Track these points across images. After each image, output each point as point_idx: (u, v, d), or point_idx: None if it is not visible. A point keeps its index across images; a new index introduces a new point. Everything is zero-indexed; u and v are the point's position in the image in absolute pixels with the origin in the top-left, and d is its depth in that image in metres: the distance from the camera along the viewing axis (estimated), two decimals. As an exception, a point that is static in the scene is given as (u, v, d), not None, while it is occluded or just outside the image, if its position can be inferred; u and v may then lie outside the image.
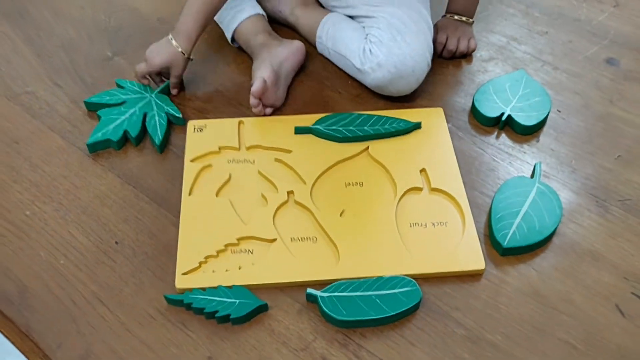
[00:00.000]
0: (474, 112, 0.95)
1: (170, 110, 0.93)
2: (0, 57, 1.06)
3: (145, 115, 0.93)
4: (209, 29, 1.10)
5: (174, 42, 0.92)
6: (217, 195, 0.84)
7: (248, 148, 0.90)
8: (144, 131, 0.92)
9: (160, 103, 0.94)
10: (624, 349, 0.71)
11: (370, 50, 0.92)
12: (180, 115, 0.93)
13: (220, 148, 0.90)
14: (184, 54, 0.93)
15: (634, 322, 0.73)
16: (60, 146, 0.92)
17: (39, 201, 0.85)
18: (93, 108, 0.95)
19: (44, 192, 0.86)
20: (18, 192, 0.86)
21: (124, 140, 0.91)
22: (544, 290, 0.76)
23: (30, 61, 1.05)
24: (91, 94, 0.99)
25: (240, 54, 1.06)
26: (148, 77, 0.96)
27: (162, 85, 0.97)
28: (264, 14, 1.04)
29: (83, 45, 1.08)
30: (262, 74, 0.92)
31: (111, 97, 0.95)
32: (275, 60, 0.95)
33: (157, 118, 0.92)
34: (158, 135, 0.90)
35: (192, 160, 0.88)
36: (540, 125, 0.93)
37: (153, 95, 0.95)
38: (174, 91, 0.98)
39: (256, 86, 0.90)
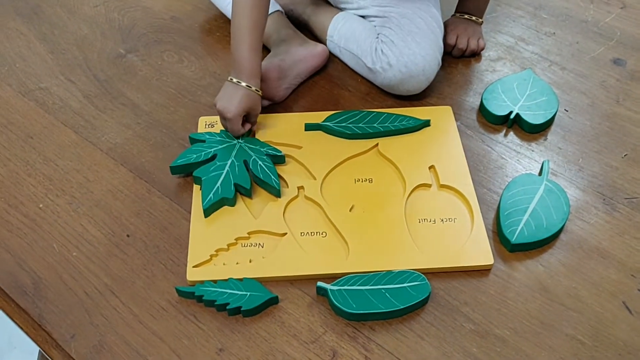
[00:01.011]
0: (483, 110, 0.96)
1: (270, 151, 0.86)
2: (14, 53, 1.07)
3: (246, 163, 0.85)
4: (220, 25, 1.12)
5: (243, 84, 0.84)
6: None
7: (259, 144, 0.91)
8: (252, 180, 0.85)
9: (253, 147, 0.87)
10: (630, 345, 0.72)
11: (381, 50, 0.93)
12: (282, 153, 0.87)
13: (231, 144, 0.91)
14: (258, 92, 0.86)
15: (641, 318, 0.74)
16: (73, 141, 0.93)
17: (52, 194, 0.86)
18: (181, 171, 0.86)
19: (57, 186, 0.87)
20: (32, 185, 0.87)
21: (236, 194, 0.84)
22: (552, 286, 0.76)
23: (45, 58, 1.07)
24: (104, 90, 1.00)
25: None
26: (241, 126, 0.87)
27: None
28: (283, 11, 1.04)
29: (96, 43, 1.09)
30: (265, 64, 0.92)
31: (197, 154, 0.85)
32: (289, 57, 0.96)
33: (260, 162, 0.84)
34: (273, 179, 0.83)
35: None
36: (548, 124, 0.94)
37: (241, 141, 0.88)
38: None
39: None
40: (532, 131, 0.94)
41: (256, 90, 0.85)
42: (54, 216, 0.84)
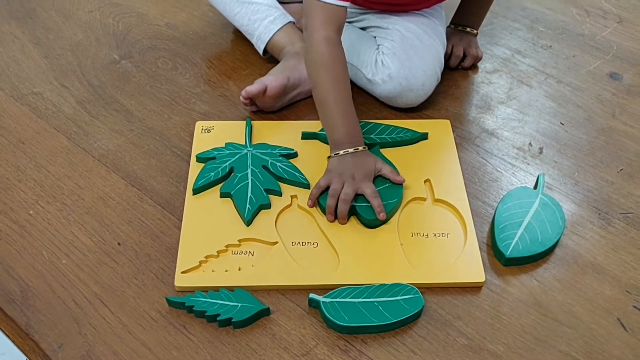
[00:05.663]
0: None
1: (282, 151, 0.88)
2: (8, 57, 1.07)
3: (266, 167, 0.86)
4: (214, 33, 1.12)
5: (350, 150, 0.81)
6: (220, 196, 0.84)
7: (254, 152, 0.90)
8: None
9: (264, 151, 0.88)
10: (625, 362, 0.71)
11: (382, 62, 0.93)
12: (294, 150, 0.88)
13: (226, 150, 0.90)
14: (365, 148, 0.83)
15: (636, 335, 0.73)
16: (65, 147, 0.92)
17: (43, 201, 0.85)
18: (202, 190, 0.84)
19: (48, 192, 0.86)
20: (22, 191, 0.86)
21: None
22: (546, 302, 0.76)
23: (38, 62, 1.06)
24: (98, 96, 1.00)
25: (246, 59, 1.07)
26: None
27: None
28: (294, 20, 1.01)
29: (91, 48, 1.08)
30: (270, 81, 0.92)
31: (215, 171, 0.85)
32: (295, 74, 0.94)
33: (278, 164, 0.86)
34: (298, 176, 0.85)
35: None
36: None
37: (250, 148, 0.88)
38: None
39: (251, 88, 0.90)
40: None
41: (363, 148, 0.82)
42: (44, 223, 0.83)
